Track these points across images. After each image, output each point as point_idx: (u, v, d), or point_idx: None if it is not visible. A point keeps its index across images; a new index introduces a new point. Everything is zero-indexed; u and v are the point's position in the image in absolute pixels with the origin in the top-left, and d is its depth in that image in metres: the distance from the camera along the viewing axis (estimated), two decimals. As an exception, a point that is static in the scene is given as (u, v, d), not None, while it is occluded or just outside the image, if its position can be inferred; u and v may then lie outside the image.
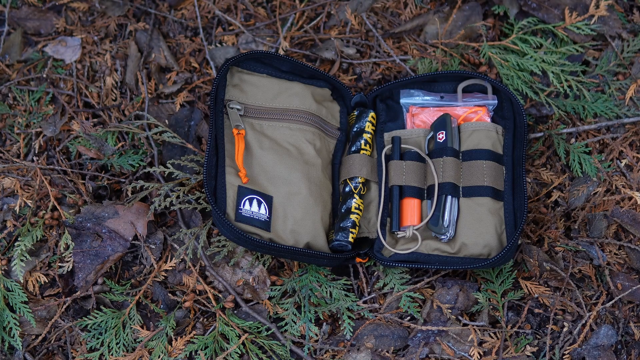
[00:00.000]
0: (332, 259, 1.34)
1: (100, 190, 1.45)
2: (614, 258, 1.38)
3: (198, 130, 1.48)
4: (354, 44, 1.55)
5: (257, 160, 1.36)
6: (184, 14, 1.58)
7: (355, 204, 1.36)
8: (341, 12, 1.57)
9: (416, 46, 1.54)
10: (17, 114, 1.51)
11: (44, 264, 1.40)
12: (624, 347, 1.33)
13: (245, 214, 1.31)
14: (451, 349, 1.31)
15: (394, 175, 1.37)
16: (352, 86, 1.52)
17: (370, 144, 1.42)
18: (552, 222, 1.40)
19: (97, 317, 1.35)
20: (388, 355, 1.32)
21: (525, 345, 1.32)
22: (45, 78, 1.54)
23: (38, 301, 1.38)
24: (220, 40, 1.56)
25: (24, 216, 1.42)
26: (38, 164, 1.45)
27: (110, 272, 1.40)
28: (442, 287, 1.35)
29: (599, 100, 1.47)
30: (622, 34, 1.52)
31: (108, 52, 1.55)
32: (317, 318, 1.36)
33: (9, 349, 1.35)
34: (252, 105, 1.41)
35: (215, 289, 1.38)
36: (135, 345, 1.34)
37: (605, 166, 1.43)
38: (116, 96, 1.53)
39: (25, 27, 1.57)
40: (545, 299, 1.35)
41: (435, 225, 1.32)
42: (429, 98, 1.43)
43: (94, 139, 1.46)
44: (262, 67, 1.43)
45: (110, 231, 1.39)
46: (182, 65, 1.55)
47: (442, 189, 1.34)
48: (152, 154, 1.46)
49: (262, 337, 1.34)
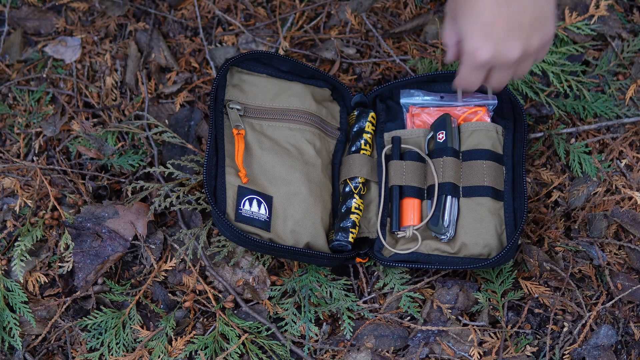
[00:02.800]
0: (332, 259, 1.34)
1: (100, 190, 1.45)
2: (614, 258, 1.38)
3: (198, 130, 1.48)
4: (354, 44, 1.55)
5: (257, 160, 1.36)
6: (184, 14, 1.58)
7: (355, 204, 1.36)
8: (341, 12, 1.57)
9: (416, 46, 1.54)
10: (17, 114, 1.51)
11: (44, 264, 1.40)
12: (624, 347, 1.33)
13: (245, 214, 1.31)
14: (451, 349, 1.32)
15: (394, 175, 1.37)
16: (352, 86, 1.52)
17: (370, 144, 1.42)
18: (552, 222, 1.40)
19: (97, 317, 1.35)
20: (388, 355, 1.32)
21: (525, 345, 1.32)
22: (45, 78, 1.54)
23: (38, 301, 1.38)
24: (220, 40, 1.56)
25: (24, 216, 1.42)
26: (38, 164, 1.45)
27: (110, 272, 1.40)
28: (442, 287, 1.35)
29: (599, 100, 1.47)
30: (622, 34, 1.52)
31: (108, 52, 1.55)
32: (317, 318, 1.36)
33: (9, 349, 1.35)
34: (252, 105, 1.41)
35: (215, 289, 1.38)
36: (135, 345, 1.34)
37: (605, 166, 1.43)
38: (116, 96, 1.53)
39: (25, 27, 1.57)
40: (545, 299, 1.35)
41: (435, 225, 1.32)
42: (429, 98, 1.43)
43: (94, 139, 1.46)
44: (262, 67, 1.43)
45: (110, 231, 1.39)
46: (182, 65, 1.55)
47: (442, 189, 1.34)
48: (152, 154, 1.46)
49: (262, 337, 1.34)
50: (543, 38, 1.13)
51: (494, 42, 1.11)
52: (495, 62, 1.14)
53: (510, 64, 1.14)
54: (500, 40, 1.11)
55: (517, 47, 1.12)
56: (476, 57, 1.13)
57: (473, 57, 1.14)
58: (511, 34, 1.11)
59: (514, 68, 1.16)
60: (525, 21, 1.11)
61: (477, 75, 1.17)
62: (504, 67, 1.15)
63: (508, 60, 1.13)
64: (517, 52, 1.12)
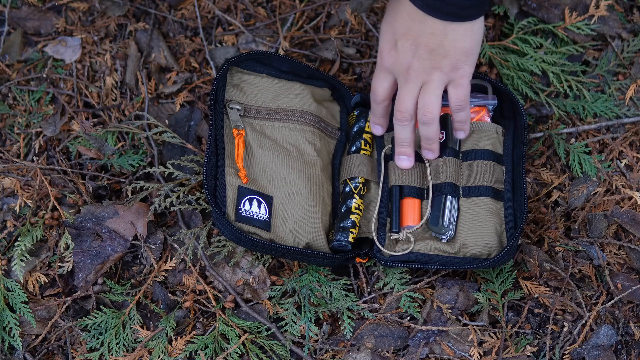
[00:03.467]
0: (332, 259, 1.34)
1: (100, 190, 1.45)
2: (614, 258, 1.38)
3: (198, 130, 1.48)
4: (354, 44, 1.55)
5: (257, 160, 1.36)
6: (184, 14, 1.58)
7: (355, 204, 1.36)
8: (341, 12, 1.57)
9: (416, 46, 1.54)
10: (17, 114, 1.51)
11: (44, 264, 1.40)
12: (624, 347, 1.33)
13: (245, 214, 1.31)
14: (451, 349, 1.32)
15: (394, 175, 1.37)
16: (352, 86, 1.52)
17: (370, 144, 1.42)
18: (552, 222, 1.40)
19: (97, 317, 1.35)
20: (388, 355, 1.32)
21: (525, 345, 1.32)
22: (45, 78, 1.54)
23: (38, 301, 1.38)
24: (220, 40, 1.56)
25: (24, 216, 1.42)
26: (38, 164, 1.45)
27: (110, 272, 1.40)
28: (442, 287, 1.35)
29: (599, 100, 1.47)
30: (622, 34, 1.52)
31: (108, 52, 1.55)
32: (317, 318, 1.36)
33: (9, 349, 1.35)
34: (252, 105, 1.41)
35: (215, 289, 1.38)
36: (135, 345, 1.34)
37: (605, 166, 1.43)
38: (116, 96, 1.53)
39: (25, 27, 1.57)
40: (545, 299, 1.35)
41: (435, 225, 1.32)
42: (429, 98, 1.43)
43: (94, 139, 1.46)
44: (262, 67, 1.43)
45: (110, 231, 1.39)
46: (182, 65, 1.55)
47: (442, 189, 1.34)
48: (152, 154, 1.46)
49: (262, 337, 1.34)
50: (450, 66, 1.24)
51: (397, 50, 1.25)
52: (396, 71, 1.27)
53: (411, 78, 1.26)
54: (404, 51, 1.24)
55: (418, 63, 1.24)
56: (382, 58, 1.28)
57: (380, 57, 1.29)
58: (415, 49, 1.23)
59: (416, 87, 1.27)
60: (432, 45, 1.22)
61: (382, 81, 1.32)
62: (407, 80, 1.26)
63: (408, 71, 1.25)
64: (418, 69, 1.25)
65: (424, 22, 1.21)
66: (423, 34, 1.22)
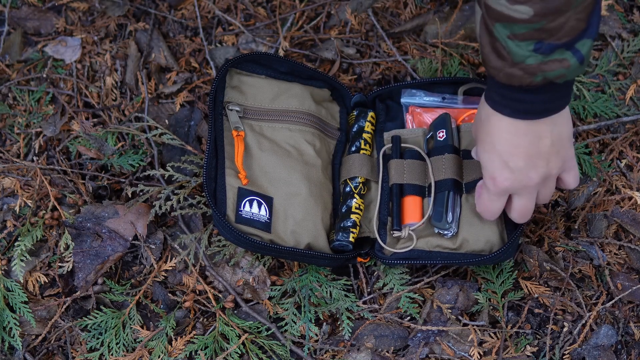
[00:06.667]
0: (334, 260, 1.34)
1: (100, 190, 1.45)
2: (614, 258, 1.38)
3: (198, 130, 1.48)
4: (354, 44, 1.55)
5: (257, 161, 1.36)
6: (184, 14, 1.58)
7: (356, 203, 1.36)
8: (341, 12, 1.57)
9: (416, 46, 1.54)
10: (17, 114, 1.51)
11: (44, 264, 1.40)
12: (624, 347, 1.33)
13: (246, 216, 1.31)
14: (451, 349, 1.32)
15: (395, 173, 1.37)
16: (352, 86, 1.52)
17: (370, 144, 1.42)
18: (552, 222, 1.40)
19: (97, 317, 1.35)
20: (388, 355, 1.32)
21: (525, 345, 1.32)
22: (45, 78, 1.54)
23: (38, 301, 1.38)
24: (220, 40, 1.56)
25: (24, 216, 1.42)
26: (38, 164, 1.45)
27: (110, 272, 1.40)
28: (442, 287, 1.35)
29: (599, 100, 1.47)
30: (622, 34, 1.52)
31: (108, 52, 1.55)
32: (317, 318, 1.36)
33: (9, 349, 1.35)
34: (252, 106, 1.41)
35: (215, 289, 1.38)
36: (135, 345, 1.34)
37: (605, 166, 1.43)
38: (116, 96, 1.53)
39: (25, 27, 1.57)
40: (545, 299, 1.35)
41: (438, 221, 1.32)
42: (430, 99, 1.43)
43: (94, 139, 1.46)
44: (261, 68, 1.43)
45: (110, 231, 1.39)
46: (182, 65, 1.55)
47: (445, 186, 1.34)
48: (152, 154, 1.46)
49: (262, 337, 1.34)
50: (562, 159, 1.17)
51: (511, 171, 1.16)
52: (515, 189, 1.19)
53: (530, 189, 1.19)
54: (519, 169, 1.15)
55: (536, 174, 1.16)
56: (495, 184, 1.19)
57: (493, 183, 1.19)
58: (530, 162, 1.15)
59: (535, 192, 1.20)
60: (543, 149, 1.14)
61: (497, 202, 1.23)
62: (525, 192, 1.19)
63: (527, 185, 1.17)
64: (537, 179, 1.16)
65: (528, 131, 1.12)
66: (532, 143, 1.13)
